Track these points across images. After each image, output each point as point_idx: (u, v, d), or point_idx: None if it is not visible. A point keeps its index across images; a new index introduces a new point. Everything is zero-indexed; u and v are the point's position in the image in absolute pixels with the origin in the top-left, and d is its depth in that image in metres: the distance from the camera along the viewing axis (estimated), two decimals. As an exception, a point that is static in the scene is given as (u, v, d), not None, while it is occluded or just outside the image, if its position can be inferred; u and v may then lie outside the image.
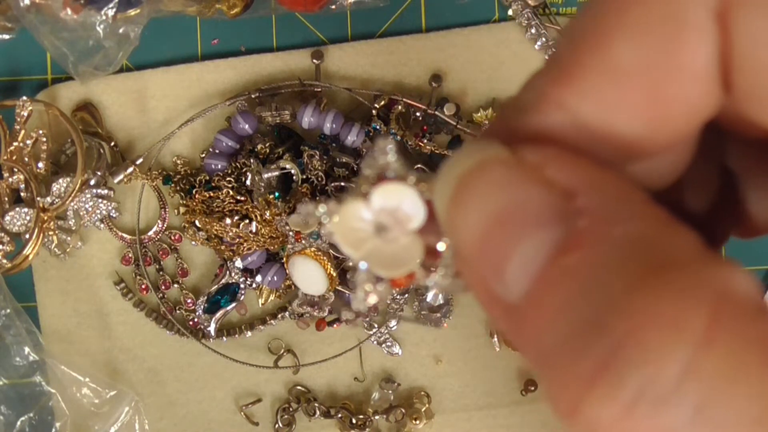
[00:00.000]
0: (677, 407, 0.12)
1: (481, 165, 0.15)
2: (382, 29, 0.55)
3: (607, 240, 0.13)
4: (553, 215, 0.14)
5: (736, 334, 0.13)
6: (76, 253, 0.54)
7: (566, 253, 0.14)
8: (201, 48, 0.55)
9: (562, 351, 0.13)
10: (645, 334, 0.13)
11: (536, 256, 0.14)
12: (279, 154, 0.52)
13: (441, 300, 0.54)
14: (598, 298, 0.13)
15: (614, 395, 0.13)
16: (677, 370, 0.13)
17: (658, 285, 0.13)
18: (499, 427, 0.55)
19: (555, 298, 0.14)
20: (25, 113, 0.51)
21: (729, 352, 0.13)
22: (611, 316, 0.13)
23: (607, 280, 0.13)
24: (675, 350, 0.13)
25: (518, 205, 0.14)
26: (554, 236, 0.14)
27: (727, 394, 0.12)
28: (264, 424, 0.55)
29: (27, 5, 0.49)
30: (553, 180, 0.14)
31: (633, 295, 0.13)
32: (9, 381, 0.53)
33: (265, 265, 0.53)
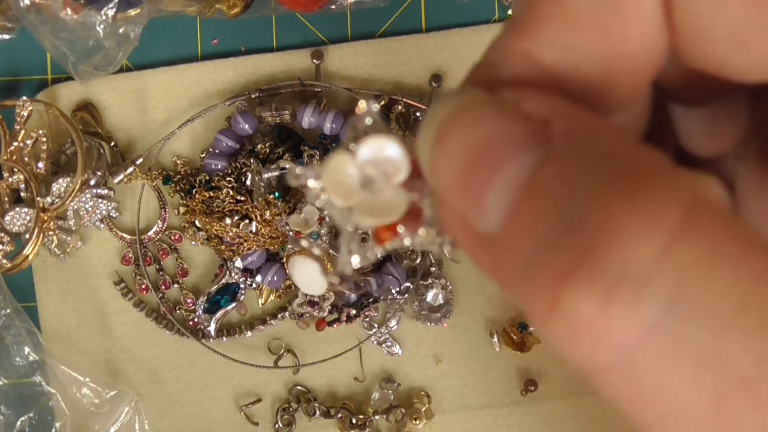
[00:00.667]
0: (654, 292, 0.12)
1: (461, 107, 0.15)
2: (382, 29, 0.55)
3: (582, 154, 0.14)
4: (529, 142, 0.14)
5: (711, 225, 0.13)
6: (76, 253, 0.54)
7: (542, 169, 0.14)
8: (201, 48, 0.55)
9: (539, 257, 0.13)
10: (619, 224, 0.13)
11: (514, 180, 0.14)
12: (279, 154, 0.52)
13: (441, 300, 0.54)
14: (573, 204, 0.13)
15: (591, 285, 0.13)
16: (652, 255, 0.12)
17: (631, 188, 0.13)
18: (499, 427, 0.55)
19: (531, 212, 0.14)
20: (25, 113, 0.51)
21: (705, 240, 0.13)
22: (586, 214, 0.13)
23: (582, 187, 0.13)
24: (650, 237, 0.13)
25: (496, 136, 0.14)
26: (531, 160, 0.14)
27: (705, 280, 0.12)
28: (264, 424, 0.55)
29: (27, 5, 0.49)
30: (530, 112, 0.15)
31: (608, 196, 0.13)
32: (9, 381, 0.53)
33: (265, 265, 0.53)
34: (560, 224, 0.13)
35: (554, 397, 0.55)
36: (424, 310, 0.54)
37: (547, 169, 0.14)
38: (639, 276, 0.12)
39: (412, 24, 0.55)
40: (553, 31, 0.16)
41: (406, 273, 0.53)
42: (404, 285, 0.53)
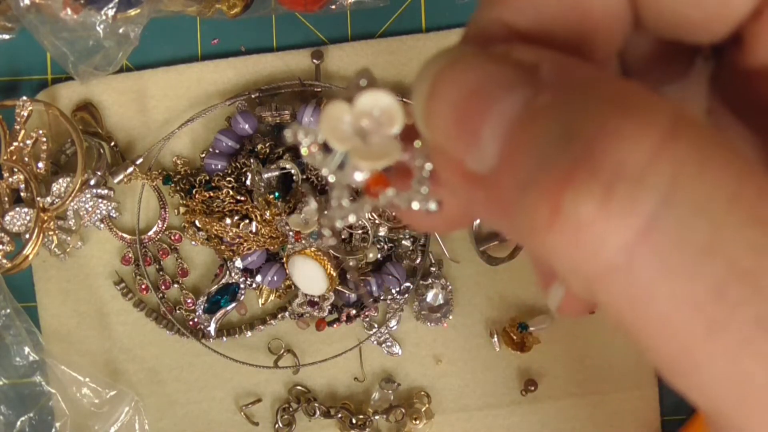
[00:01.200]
0: (651, 187, 0.13)
1: (453, 59, 0.16)
2: (382, 29, 0.55)
3: (573, 80, 0.14)
4: (520, 80, 0.15)
5: (698, 130, 0.13)
6: (76, 253, 0.54)
7: (535, 98, 0.14)
8: (201, 48, 0.55)
9: (537, 173, 0.14)
10: (614, 128, 0.13)
11: (507, 114, 0.15)
12: (279, 154, 0.52)
13: (441, 300, 0.54)
14: (569, 118, 0.14)
15: (589, 185, 0.13)
16: (647, 152, 0.13)
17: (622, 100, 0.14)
18: (499, 427, 0.55)
19: (527, 137, 0.14)
20: (25, 113, 0.51)
21: (694, 141, 0.13)
22: (581, 125, 0.13)
23: (576, 104, 0.14)
24: (643, 137, 0.13)
25: (488, 79, 0.15)
26: (522, 95, 0.15)
27: (698, 174, 0.13)
28: (264, 424, 0.55)
29: (27, 5, 0.49)
30: (519, 58, 0.15)
31: (601, 107, 0.13)
32: (9, 381, 0.53)
33: (265, 265, 0.53)
34: (556, 139, 0.14)
35: (554, 397, 0.55)
36: (424, 310, 0.54)
37: (539, 98, 0.14)
38: (635, 172, 0.13)
39: (412, 24, 0.55)
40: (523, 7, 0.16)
41: (406, 273, 0.53)
42: (404, 285, 0.53)
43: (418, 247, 0.54)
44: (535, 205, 0.14)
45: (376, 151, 0.17)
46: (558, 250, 0.13)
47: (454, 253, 0.55)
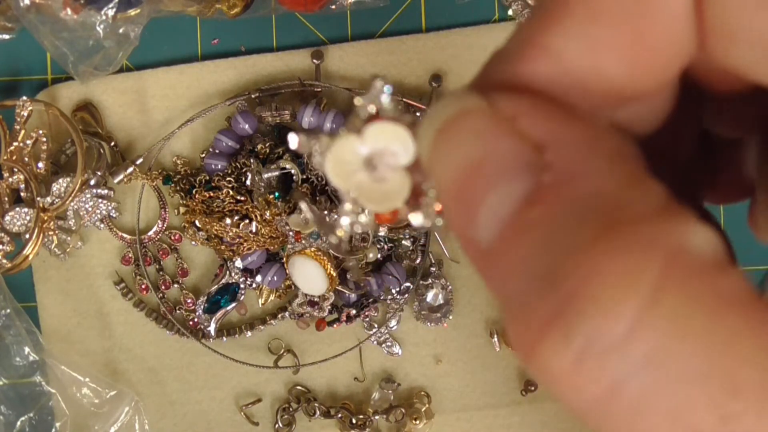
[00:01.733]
0: (623, 360, 0.13)
1: (459, 114, 0.15)
2: (382, 29, 0.55)
3: (569, 196, 0.14)
4: (522, 167, 0.15)
5: (683, 291, 0.13)
6: (76, 253, 0.54)
7: (531, 206, 0.14)
8: (201, 48, 0.55)
9: (522, 298, 0.14)
10: (596, 287, 0.13)
11: (504, 206, 0.15)
12: (279, 154, 0.52)
13: (441, 300, 0.54)
14: (557, 251, 0.14)
15: (564, 345, 0.13)
16: (625, 324, 0.13)
17: (612, 240, 0.13)
18: (499, 427, 0.55)
19: (519, 247, 0.14)
20: (25, 113, 0.51)
21: (675, 309, 0.13)
22: (566, 267, 0.13)
23: (565, 233, 0.14)
24: (623, 306, 0.13)
25: (490, 156, 0.15)
26: (522, 187, 0.15)
27: (672, 348, 0.13)
28: (264, 424, 0.55)
29: (27, 5, 0.49)
30: (525, 132, 0.15)
31: (588, 248, 0.13)
32: (9, 381, 0.53)
33: (265, 265, 0.53)
34: (542, 271, 0.14)
35: (554, 397, 0.55)
36: (424, 310, 0.54)
37: (535, 209, 0.14)
38: (610, 346, 0.13)
39: (412, 24, 0.55)
40: (578, 26, 0.15)
41: (406, 273, 0.53)
42: (404, 285, 0.53)
43: (418, 247, 0.54)
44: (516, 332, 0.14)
45: (383, 193, 0.17)
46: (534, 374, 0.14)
47: (454, 253, 0.55)
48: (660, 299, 0.13)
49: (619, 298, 0.13)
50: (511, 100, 0.15)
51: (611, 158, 0.15)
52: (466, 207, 0.15)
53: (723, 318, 0.13)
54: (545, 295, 0.14)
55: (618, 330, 0.13)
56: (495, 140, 0.15)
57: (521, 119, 0.15)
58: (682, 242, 0.14)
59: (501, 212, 0.15)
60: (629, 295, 0.13)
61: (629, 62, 0.16)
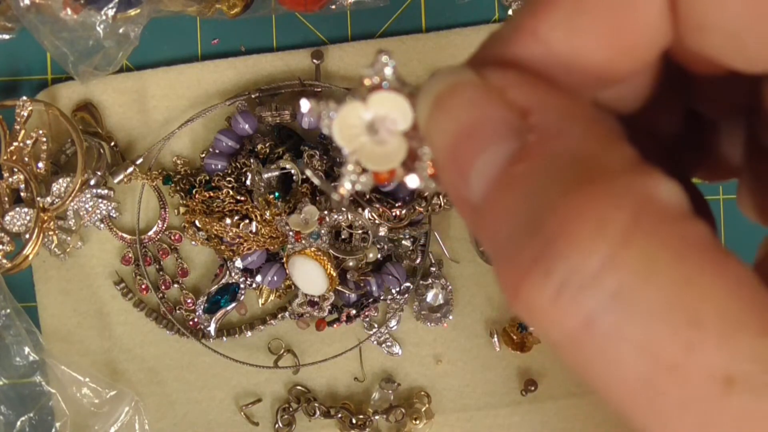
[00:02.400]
0: (596, 294, 0.15)
1: (453, 85, 0.17)
2: (382, 29, 0.55)
3: (549, 152, 0.16)
4: (509, 130, 0.16)
5: (651, 234, 0.15)
6: (76, 253, 0.54)
7: (516, 162, 0.16)
8: (201, 48, 0.55)
9: (508, 245, 0.16)
10: (572, 231, 0.15)
11: (493, 165, 0.16)
12: (279, 154, 0.52)
13: (441, 300, 0.54)
14: (538, 201, 0.15)
15: (544, 282, 0.15)
16: (597, 262, 0.15)
17: (587, 190, 0.15)
18: (499, 427, 0.55)
19: (505, 200, 0.16)
20: (25, 113, 0.51)
21: (644, 249, 0.15)
22: (546, 215, 0.15)
23: (546, 186, 0.15)
24: (596, 245, 0.15)
25: (481, 121, 0.17)
26: (509, 148, 0.16)
27: (640, 284, 0.15)
28: (264, 424, 0.55)
29: (27, 5, 0.49)
30: (512, 100, 0.17)
31: (565, 198, 0.15)
32: (9, 381, 0.53)
33: (265, 265, 0.53)
34: (525, 220, 0.16)
35: (554, 397, 0.55)
36: (424, 310, 0.54)
37: (519, 165, 0.16)
38: (584, 280, 0.15)
39: (412, 24, 0.55)
40: (562, 14, 0.17)
41: (406, 273, 0.53)
42: (404, 285, 0.53)
43: (418, 247, 0.54)
44: (502, 277, 0.16)
45: (382, 155, 0.19)
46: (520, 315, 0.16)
47: (454, 253, 0.55)
48: (630, 240, 0.15)
49: (592, 239, 0.15)
50: (499, 73, 0.17)
51: (588, 122, 0.16)
52: (459, 167, 0.17)
53: (686, 258, 0.15)
54: (528, 240, 0.15)
55: (591, 267, 0.15)
56: (485, 107, 0.17)
57: (509, 90, 0.17)
58: (650, 193, 0.15)
59: (490, 171, 0.16)
60: (602, 236, 0.15)
61: (608, 49, 0.17)
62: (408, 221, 0.52)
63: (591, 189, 0.15)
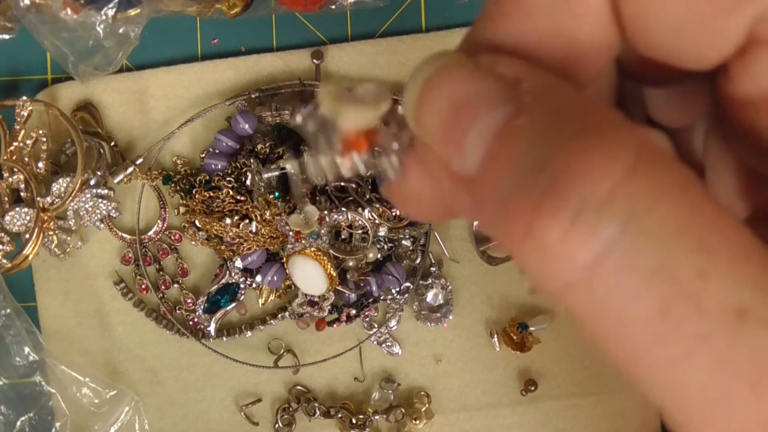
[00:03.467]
0: (610, 219, 0.15)
1: (443, 67, 0.18)
2: (382, 29, 0.55)
3: (548, 105, 0.16)
4: (502, 97, 0.17)
5: (657, 163, 0.15)
6: (76, 253, 0.54)
7: (515, 118, 0.16)
8: (201, 48, 0.55)
9: (513, 192, 0.16)
10: (580, 162, 0.15)
11: (489, 128, 0.16)
12: (279, 154, 0.52)
13: (441, 300, 0.54)
14: (542, 146, 0.16)
15: (557, 215, 0.15)
16: (607, 188, 0.15)
17: (591, 131, 0.15)
18: (499, 427, 0.55)
19: (505, 153, 0.16)
20: (25, 113, 0.51)
21: (652, 175, 0.15)
22: (552, 154, 0.15)
23: (549, 132, 0.16)
24: (606, 174, 0.15)
25: (474, 92, 0.17)
26: (504, 111, 0.16)
27: (652, 207, 0.15)
28: (264, 424, 0.55)
29: (27, 5, 0.49)
30: (502, 73, 0.17)
31: (571, 139, 0.15)
32: (9, 381, 0.53)
33: (265, 265, 0.53)
34: (531, 163, 0.16)
35: (554, 397, 0.55)
36: (424, 310, 0.54)
37: (519, 118, 0.16)
38: (596, 206, 0.15)
39: (412, 24, 0.55)
40: (513, 22, 0.18)
41: (406, 273, 0.53)
42: (404, 285, 0.53)
43: (418, 247, 0.54)
44: (510, 223, 0.16)
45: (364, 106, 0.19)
46: (529, 262, 0.16)
47: (454, 253, 0.55)
48: (637, 168, 0.15)
49: (601, 168, 0.15)
50: (489, 54, 0.18)
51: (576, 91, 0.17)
52: (453, 140, 0.17)
53: (690, 190, 0.15)
54: (535, 179, 0.15)
55: (602, 192, 0.15)
56: (477, 80, 0.17)
57: (498, 65, 0.17)
58: (648, 137, 0.16)
59: (486, 134, 0.16)
60: (610, 166, 0.15)
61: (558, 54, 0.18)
62: (408, 221, 0.52)
63: (595, 130, 0.15)
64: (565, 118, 0.16)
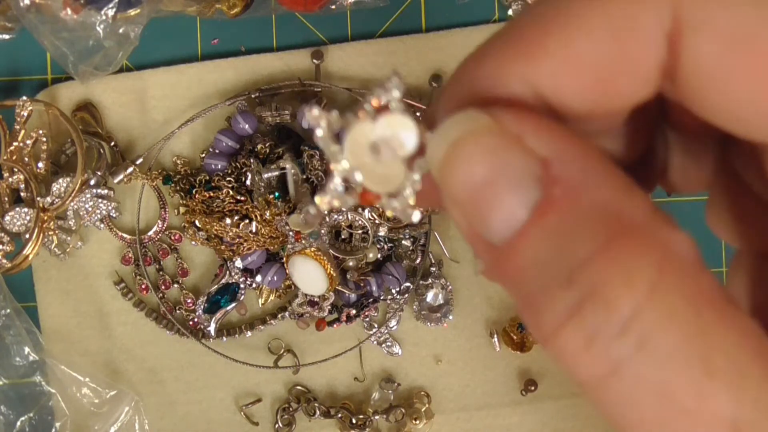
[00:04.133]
0: (624, 343, 0.16)
1: (472, 132, 0.18)
2: (382, 29, 0.55)
3: (577, 207, 0.17)
4: (531, 179, 0.17)
5: (674, 288, 0.16)
6: (76, 253, 0.54)
7: (544, 215, 0.17)
8: (201, 48, 0.55)
9: (541, 296, 0.17)
10: (604, 287, 0.16)
11: (517, 213, 0.17)
12: (279, 154, 0.52)
13: (441, 300, 0.54)
14: (569, 254, 0.17)
15: (579, 332, 0.16)
16: (626, 314, 0.16)
17: (615, 245, 0.16)
18: (499, 427, 0.55)
19: (534, 249, 0.17)
20: (25, 113, 0.51)
21: (666, 303, 0.16)
22: (580, 271, 0.17)
23: (577, 240, 0.17)
24: (625, 300, 0.16)
25: (503, 169, 0.17)
26: (532, 197, 0.17)
27: (662, 335, 0.16)
28: (264, 424, 0.55)
29: (27, 5, 0.49)
30: (532, 149, 0.17)
31: (596, 254, 0.16)
32: (9, 381, 0.53)
33: (265, 265, 0.53)
34: (559, 272, 0.17)
35: (554, 397, 0.55)
36: (424, 310, 0.54)
37: (548, 217, 0.17)
38: (615, 330, 0.16)
39: (412, 24, 0.55)
40: (556, 67, 0.18)
41: (406, 273, 0.53)
42: (404, 285, 0.53)
43: (418, 247, 0.54)
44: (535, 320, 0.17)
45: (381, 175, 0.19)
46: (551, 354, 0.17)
47: (454, 253, 0.55)
48: (654, 296, 0.16)
49: (622, 294, 0.16)
50: (515, 118, 0.17)
51: (605, 173, 0.17)
52: (479, 211, 0.18)
53: (702, 311, 0.16)
54: (562, 292, 0.17)
55: (620, 319, 0.16)
56: (506, 156, 0.17)
57: (527, 137, 0.17)
58: (670, 246, 0.17)
59: (513, 218, 0.17)
60: (630, 290, 0.16)
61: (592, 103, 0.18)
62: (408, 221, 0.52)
63: (619, 244, 0.16)
64: (592, 222, 0.17)
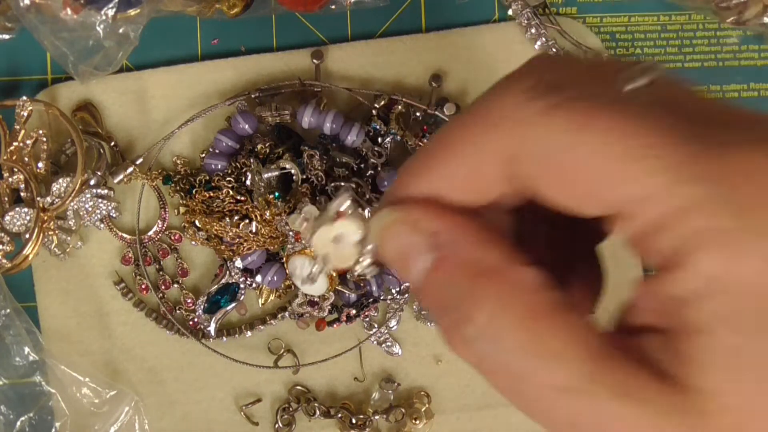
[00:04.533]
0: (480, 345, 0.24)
1: (389, 222, 0.27)
2: (382, 29, 0.55)
3: (453, 261, 0.25)
4: (427, 246, 0.26)
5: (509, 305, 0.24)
6: (76, 253, 0.54)
7: (435, 270, 0.26)
8: (201, 48, 0.55)
9: (440, 315, 0.26)
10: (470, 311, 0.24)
11: (422, 268, 0.26)
12: (279, 154, 0.52)
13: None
14: (451, 294, 0.25)
15: (457, 339, 0.25)
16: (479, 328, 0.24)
17: (477, 288, 0.25)
18: (499, 427, 0.55)
19: (433, 290, 0.26)
20: (25, 113, 0.51)
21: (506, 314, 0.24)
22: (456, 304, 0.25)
23: (454, 285, 0.25)
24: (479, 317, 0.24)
25: (409, 243, 0.26)
26: (430, 257, 0.26)
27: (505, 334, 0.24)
28: (264, 424, 0.55)
29: (27, 5, 0.49)
30: (426, 228, 0.26)
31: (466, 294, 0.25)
32: (9, 381, 0.53)
33: (265, 265, 0.53)
34: (447, 302, 0.25)
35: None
36: (424, 310, 0.54)
37: (437, 272, 0.26)
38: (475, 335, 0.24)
39: (412, 24, 0.55)
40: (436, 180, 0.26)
41: (406, 273, 0.53)
42: (404, 285, 0.53)
43: (418, 247, 0.54)
44: (439, 330, 0.26)
45: (342, 256, 0.29)
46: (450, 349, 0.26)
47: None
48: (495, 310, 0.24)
49: (476, 317, 0.24)
50: (415, 210, 0.26)
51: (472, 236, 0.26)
52: (402, 268, 0.27)
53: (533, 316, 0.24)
54: (449, 315, 0.25)
55: (475, 331, 0.24)
56: (410, 235, 0.26)
57: (422, 221, 0.26)
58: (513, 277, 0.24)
59: (421, 271, 0.26)
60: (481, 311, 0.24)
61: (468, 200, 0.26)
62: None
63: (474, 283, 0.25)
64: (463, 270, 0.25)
